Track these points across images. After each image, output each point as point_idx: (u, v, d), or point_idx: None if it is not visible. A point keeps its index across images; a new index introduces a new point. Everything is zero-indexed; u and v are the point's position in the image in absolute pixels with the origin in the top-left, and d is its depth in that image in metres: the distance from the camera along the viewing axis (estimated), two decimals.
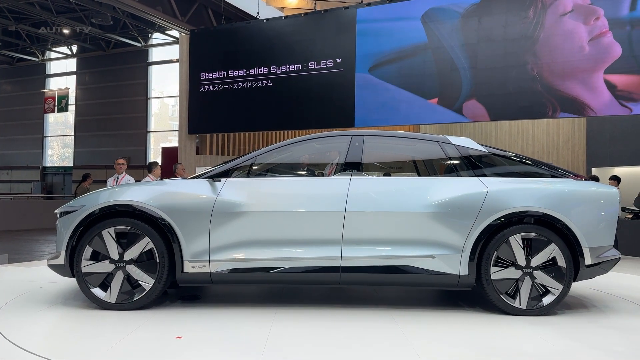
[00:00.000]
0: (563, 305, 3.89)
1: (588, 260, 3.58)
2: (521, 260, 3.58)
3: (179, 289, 4.36)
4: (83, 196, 3.92)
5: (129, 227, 3.63)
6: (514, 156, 4.02)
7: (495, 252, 3.58)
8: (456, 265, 3.57)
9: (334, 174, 3.86)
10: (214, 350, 2.85)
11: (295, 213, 3.64)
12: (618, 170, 14.69)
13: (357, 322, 3.45)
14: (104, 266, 3.62)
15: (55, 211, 3.90)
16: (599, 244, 3.64)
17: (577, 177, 3.86)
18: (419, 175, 4.37)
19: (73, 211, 3.71)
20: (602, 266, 3.68)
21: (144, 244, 3.61)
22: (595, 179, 7.82)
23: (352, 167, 3.81)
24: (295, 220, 3.63)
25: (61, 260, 3.65)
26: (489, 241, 3.59)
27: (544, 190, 3.67)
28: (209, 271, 3.62)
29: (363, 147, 3.89)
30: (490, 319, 3.54)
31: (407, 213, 3.60)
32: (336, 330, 3.24)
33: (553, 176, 3.85)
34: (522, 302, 3.58)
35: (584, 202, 3.68)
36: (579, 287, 4.58)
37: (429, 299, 4.29)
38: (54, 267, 3.77)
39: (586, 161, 15.18)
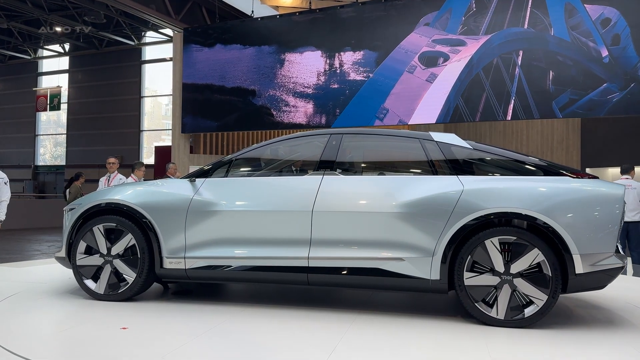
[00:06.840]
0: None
1: (579, 269, 3.17)
2: (499, 266, 3.25)
3: (188, 285, 4.54)
4: (87, 195, 4.26)
5: (115, 224, 3.83)
6: (503, 153, 3.74)
7: (470, 256, 3.30)
8: (427, 269, 3.35)
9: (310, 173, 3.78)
10: (141, 339, 2.95)
11: (264, 212, 3.63)
12: (611, 171, 14.71)
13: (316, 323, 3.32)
14: (95, 260, 3.87)
15: (63, 208, 4.23)
16: (595, 250, 3.22)
17: (578, 175, 3.50)
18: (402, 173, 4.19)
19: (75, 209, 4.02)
20: (599, 275, 3.23)
21: (128, 240, 3.79)
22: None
23: (327, 166, 3.74)
24: (264, 219, 3.62)
25: (62, 253, 3.98)
26: (463, 244, 3.32)
27: (528, 189, 3.34)
28: (184, 267, 3.70)
29: (340, 146, 3.80)
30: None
31: (375, 213, 3.46)
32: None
33: (546, 173, 3.49)
34: (499, 311, 3.24)
35: (577, 202, 3.29)
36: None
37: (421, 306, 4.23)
38: (58, 259, 4.08)
39: (580, 162, 15.23)
